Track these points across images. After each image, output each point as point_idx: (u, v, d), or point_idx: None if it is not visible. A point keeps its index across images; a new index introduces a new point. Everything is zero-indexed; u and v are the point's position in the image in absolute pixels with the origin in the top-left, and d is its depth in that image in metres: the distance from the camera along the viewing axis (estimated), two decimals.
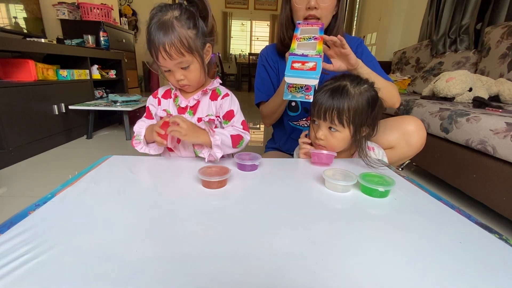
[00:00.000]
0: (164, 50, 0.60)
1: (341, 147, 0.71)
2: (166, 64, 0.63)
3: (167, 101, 0.75)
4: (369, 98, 0.66)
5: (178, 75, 0.65)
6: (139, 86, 4.20)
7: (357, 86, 0.66)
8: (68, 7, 2.57)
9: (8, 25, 1.78)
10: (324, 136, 0.69)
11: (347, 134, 0.68)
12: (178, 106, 0.73)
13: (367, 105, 0.66)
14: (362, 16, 3.85)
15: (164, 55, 0.60)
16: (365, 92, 0.66)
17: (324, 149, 0.70)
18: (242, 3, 7.50)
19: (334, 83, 0.68)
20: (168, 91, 0.76)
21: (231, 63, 7.61)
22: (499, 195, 0.95)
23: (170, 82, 0.70)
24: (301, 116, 0.97)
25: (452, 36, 2.05)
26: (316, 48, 0.70)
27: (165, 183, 0.57)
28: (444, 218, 0.45)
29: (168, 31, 0.59)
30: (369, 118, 0.68)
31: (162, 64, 0.63)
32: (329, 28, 0.89)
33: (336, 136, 0.68)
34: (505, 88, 1.42)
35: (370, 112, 0.67)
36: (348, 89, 0.66)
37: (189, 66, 0.65)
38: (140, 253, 0.33)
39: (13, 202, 1.08)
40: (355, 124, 0.67)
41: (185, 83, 0.67)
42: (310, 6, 0.81)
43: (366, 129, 0.69)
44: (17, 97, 1.47)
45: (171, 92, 0.75)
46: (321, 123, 0.69)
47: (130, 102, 2.06)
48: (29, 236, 0.35)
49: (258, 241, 0.37)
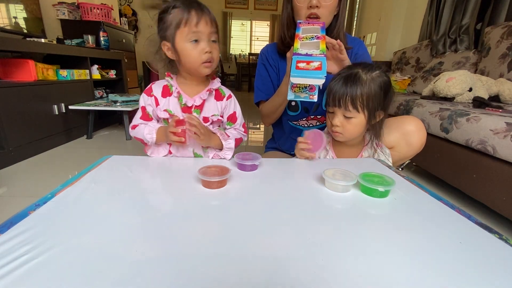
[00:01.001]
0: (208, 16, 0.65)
1: (357, 132, 0.73)
2: (204, 29, 0.65)
3: (167, 99, 0.72)
4: (381, 83, 0.69)
5: (209, 47, 0.66)
6: (139, 86, 4.20)
7: (369, 72, 0.69)
8: (68, 7, 2.57)
9: (8, 25, 1.77)
10: (340, 122, 0.71)
11: (362, 119, 0.70)
12: (184, 105, 0.71)
13: (379, 90, 0.68)
14: (362, 16, 3.84)
15: (208, 20, 0.65)
16: (377, 78, 0.69)
17: (340, 136, 0.72)
18: (242, 3, 7.50)
19: (347, 72, 0.70)
20: (166, 87, 0.73)
21: (231, 63, 7.61)
22: (499, 195, 0.95)
23: (192, 58, 0.67)
24: (300, 116, 0.97)
25: (452, 36, 2.05)
26: (320, 47, 0.70)
27: (165, 183, 0.58)
28: (444, 218, 0.45)
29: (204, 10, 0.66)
30: (384, 103, 0.70)
31: (198, 29, 0.64)
32: (330, 28, 0.88)
33: (351, 122, 0.70)
34: (505, 88, 1.42)
35: (383, 97, 0.70)
36: (360, 76, 0.68)
37: (216, 42, 0.68)
38: (140, 253, 0.33)
39: (13, 202, 1.08)
40: (369, 109, 0.69)
41: (211, 57, 0.68)
42: (312, 4, 0.80)
43: (381, 114, 0.72)
44: (17, 97, 1.47)
45: (171, 88, 0.72)
46: (336, 111, 0.71)
47: (130, 102, 2.06)
48: (29, 236, 0.35)
49: (258, 241, 0.37)
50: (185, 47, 0.65)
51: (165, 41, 0.67)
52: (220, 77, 0.79)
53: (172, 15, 0.64)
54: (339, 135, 0.73)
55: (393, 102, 0.76)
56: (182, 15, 0.63)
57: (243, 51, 7.69)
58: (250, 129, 2.66)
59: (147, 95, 0.73)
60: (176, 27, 0.64)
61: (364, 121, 0.70)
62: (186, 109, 0.72)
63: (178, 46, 0.66)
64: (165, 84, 0.73)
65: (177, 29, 0.64)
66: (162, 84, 0.73)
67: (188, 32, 0.64)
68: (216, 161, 0.69)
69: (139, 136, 0.72)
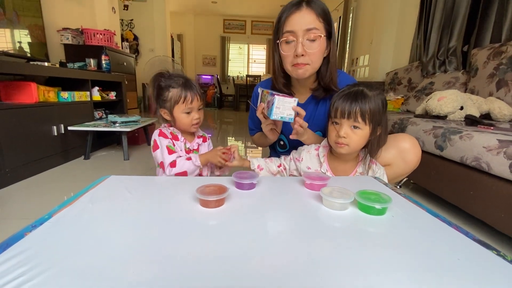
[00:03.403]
0: (198, 95, 0.89)
1: (361, 144, 0.76)
2: (195, 105, 0.88)
3: (178, 143, 0.92)
4: (382, 100, 0.74)
5: (198, 115, 0.90)
6: (138, 107, 4.26)
7: (371, 90, 0.74)
8: (72, 33, 2.67)
9: (12, 49, 1.83)
10: (346, 134, 0.74)
11: (367, 131, 0.74)
12: (187, 149, 0.94)
13: (382, 106, 0.74)
14: (355, 39, 4.02)
15: (197, 98, 0.89)
16: (378, 95, 0.74)
17: (345, 147, 0.75)
18: (240, 28, 7.84)
19: (352, 89, 0.75)
20: (172, 134, 0.92)
21: (229, 84, 7.80)
22: (496, 212, 0.95)
23: (184, 123, 0.89)
24: (289, 153, 0.97)
25: (441, 58, 2.14)
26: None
27: (162, 202, 0.57)
28: (442, 235, 0.45)
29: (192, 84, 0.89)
30: (383, 119, 0.76)
31: (192, 105, 0.87)
32: (321, 72, 0.88)
33: (357, 133, 0.74)
34: (495, 106, 1.47)
35: (383, 113, 0.75)
36: (366, 93, 0.73)
37: (202, 109, 0.93)
38: (137, 274, 0.33)
39: (9, 223, 1.06)
40: (373, 123, 0.74)
41: (199, 121, 0.91)
42: (297, 53, 0.80)
43: (380, 129, 0.76)
44: (17, 118, 1.48)
45: (178, 136, 0.93)
46: (343, 122, 0.74)
47: (130, 122, 2.08)
48: (25, 257, 0.35)
49: (257, 260, 0.37)
50: (181, 116, 0.88)
51: (164, 109, 0.89)
52: (218, 98, 0.90)
53: (172, 93, 0.86)
54: (345, 146, 0.74)
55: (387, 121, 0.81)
56: (180, 95, 0.85)
57: (241, 73, 7.91)
58: (248, 148, 2.68)
59: (164, 137, 0.89)
60: (175, 103, 0.86)
61: (368, 134, 0.74)
62: (188, 151, 0.94)
63: (175, 114, 0.88)
64: (170, 131, 0.92)
65: (175, 104, 0.86)
66: (168, 131, 0.92)
67: (184, 108, 0.87)
68: (214, 180, 0.69)
69: (183, 170, 0.85)
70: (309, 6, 0.80)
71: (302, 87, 0.96)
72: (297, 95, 0.99)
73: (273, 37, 0.89)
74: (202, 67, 7.91)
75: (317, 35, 0.80)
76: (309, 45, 0.80)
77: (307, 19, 0.79)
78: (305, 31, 0.79)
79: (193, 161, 0.86)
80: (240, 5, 6.72)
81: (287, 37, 0.81)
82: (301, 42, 0.80)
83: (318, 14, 0.80)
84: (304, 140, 0.88)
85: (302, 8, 0.80)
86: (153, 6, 5.08)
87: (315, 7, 0.80)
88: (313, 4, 0.81)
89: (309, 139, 0.89)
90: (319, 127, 0.96)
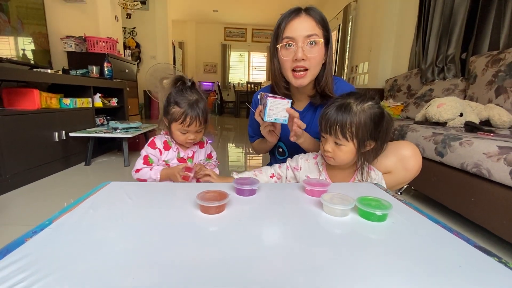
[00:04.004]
0: (199, 120, 0.85)
1: (347, 158, 0.74)
2: (193, 128, 0.86)
3: (167, 152, 0.92)
4: (372, 115, 0.71)
5: (194, 136, 0.89)
6: (140, 114, 4.28)
7: (361, 103, 0.71)
8: (75, 41, 2.71)
9: (15, 56, 1.85)
10: (331, 149, 0.74)
11: (352, 148, 0.72)
12: (181, 158, 0.94)
13: (370, 121, 0.70)
14: (354, 47, 4.06)
15: (197, 123, 0.85)
16: (368, 110, 0.71)
17: (332, 160, 0.75)
18: (240, 35, 7.94)
19: (340, 101, 0.73)
20: (165, 142, 0.93)
21: (230, 91, 7.86)
22: (498, 218, 0.94)
23: (179, 139, 0.90)
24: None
25: (440, 65, 2.16)
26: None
27: (163, 209, 0.57)
28: (443, 242, 0.45)
29: (198, 108, 0.85)
30: (374, 133, 0.72)
31: (189, 128, 0.85)
32: (318, 78, 0.89)
33: (341, 149, 0.73)
34: (495, 113, 1.47)
35: (374, 128, 0.71)
36: (352, 107, 0.71)
37: (202, 131, 0.91)
38: (137, 280, 0.33)
39: (9, 229, 1.06)
40: (358, 139, 0.71)
41: (194, 141, 0.90)
42: (297, 58, 0.81)
43: (372, 143, 0.74)
44: (19, 125, 1.49)
45: (170, 144, 0.93)
46: (327, 137, 0.74)
47: (131, 129, 2.09)
48: (25, 263, 0.35)
49: (257, 267, 0.37)
50: (176, 133, 0.88)
51: (166, 118, 0.89)
52: (219, 104, 0.90)
53: (174, 110, 0.84)
54: (331, 159, 0.75)
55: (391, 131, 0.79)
56: (181, 115, 0.83)
57: (241, 80, 7.97)
58: (248, 154, 2.68)
59: (152, 147, 0.91)
60: (174, 120, 0.85)
61: (354, 149, 0.72)
62: (181, 160, 0.94)
63: (172, 128, 0.88)
64: (165, 139, 0.93)
65: (174, 121, 0.85)
66: (163, 139, 0.93)
67: (181, 128, 0.86)
68: (215, 186, 0.69)
69: (143, 177, 0.89)
70: (308, 13, 0.83)
71: (301, 94, 0.97)
72: (296, 103, 1.00)
73: (272, 43, 0.90)
74: (203, 74, 7.99)
75: (317, 40, 0.82)
76: (309, 50, 0.82)
77: (307, 25, 0.82)
78: (306, 37, 0.81)
79: (152, 173, 0.89)
80: (240, 14, 6.82)
81: (287, 42, 0.83)
82: (301, 46, 0.81)
83: (318, 21, 0.82)
84: (301, 143, 0.88)
85: (302, 15, 0.82)
86: (155, 15, 5.16)
87: (314, 14, 0.83)
88: (312, 11, 0.83)
89: (306, 142, 0.89)
90: (317, 134, 0.96)
